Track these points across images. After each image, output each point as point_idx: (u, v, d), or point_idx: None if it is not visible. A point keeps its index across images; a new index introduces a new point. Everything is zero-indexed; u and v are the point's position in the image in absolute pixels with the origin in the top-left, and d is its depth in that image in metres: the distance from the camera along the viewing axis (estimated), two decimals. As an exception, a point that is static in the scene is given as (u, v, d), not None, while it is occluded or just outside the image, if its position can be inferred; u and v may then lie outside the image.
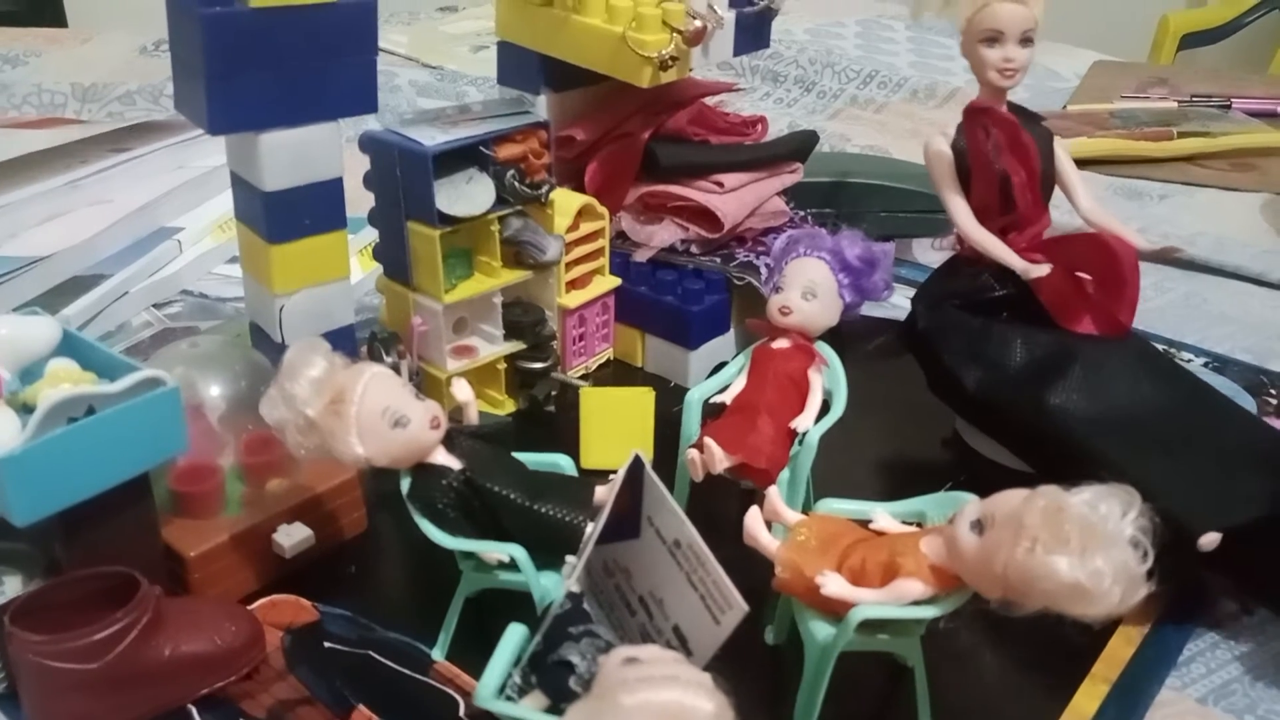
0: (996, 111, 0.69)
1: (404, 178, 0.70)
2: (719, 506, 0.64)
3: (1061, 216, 0.75)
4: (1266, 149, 1.31)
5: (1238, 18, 2.36)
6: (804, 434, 0.64)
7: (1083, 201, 0.72)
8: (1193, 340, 0.91)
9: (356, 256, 0.90)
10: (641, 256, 0.85)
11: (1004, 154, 0.69)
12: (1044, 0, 0.67)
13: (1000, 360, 0.69)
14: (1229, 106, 1.45)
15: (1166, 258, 0.95)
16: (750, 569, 0.50)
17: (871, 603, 0.50)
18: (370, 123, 0.81)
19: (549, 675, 0.45)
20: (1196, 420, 0.66)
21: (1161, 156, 1.27)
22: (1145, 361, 0.69)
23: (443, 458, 0.56)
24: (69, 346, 0.56)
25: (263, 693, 0.54)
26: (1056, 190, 0.73)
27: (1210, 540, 0.58)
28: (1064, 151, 0.72)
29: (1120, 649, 0.60)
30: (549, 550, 0.55)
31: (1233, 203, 1.18)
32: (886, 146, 1.30)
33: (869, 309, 0.76)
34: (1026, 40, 0.67)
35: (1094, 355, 0.68)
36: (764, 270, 0.79)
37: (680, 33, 0.74)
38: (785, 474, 0.63)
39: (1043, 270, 0.68)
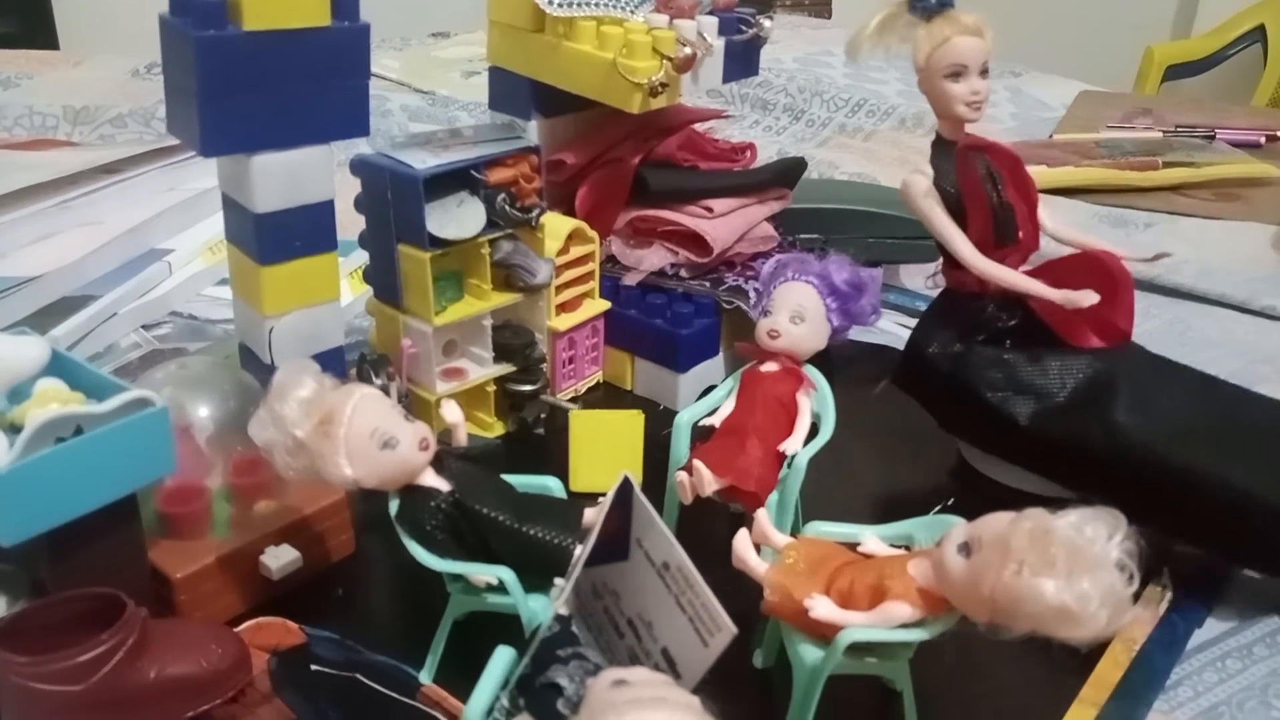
0: (999, 147, 0.69)
1: (395, 201, 0.71)
2: (708, 529, 0.64)
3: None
4: (1250, 179, 1.32)
5: (1221, 49, 2.40)
6: (792, 457, 0.64)
7: (1048, 222, 0.72)
8: (1178, 366, 0.92)
9: (346, 279, 0.90)
10: (631, 280, 0.85)
11: (1008, 188, 0.69)
12: (992, 33, 0.68)
13: (1047, 389, 0.68)
14: (1213, 137, 1.46)
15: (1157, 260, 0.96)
16: (739, 592, 0.50)
17: (860, 625, 0.50)
18: (362, 146, 0.81)
19: (537, 698, 0.44)
20: (1231, 411, 0.67)
21: (1147, 186, 1.29)
22: (1157, 364, 0.70)
23: (431, 479, 0.56)
24: (58, 366, 0.55)
25: (249, 716, 0.54)
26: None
27: None
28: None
29: (1108, 672, 0.60)
30: (537, 572, 0.55)
31: (1221, 231, 1.20)
32: (874, 174, 1.31)
33: (857, 333, 0.77)
34: (984, 71, 0.68)
35: (1122, 368, 0.68)
36: (752, 294, 0.79)
37: (670, 60, 0.75)
38: (774, 497, 0.63)
39: (1092, 298, 0.66)
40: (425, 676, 0.57)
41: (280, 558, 0.61)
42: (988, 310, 0.71)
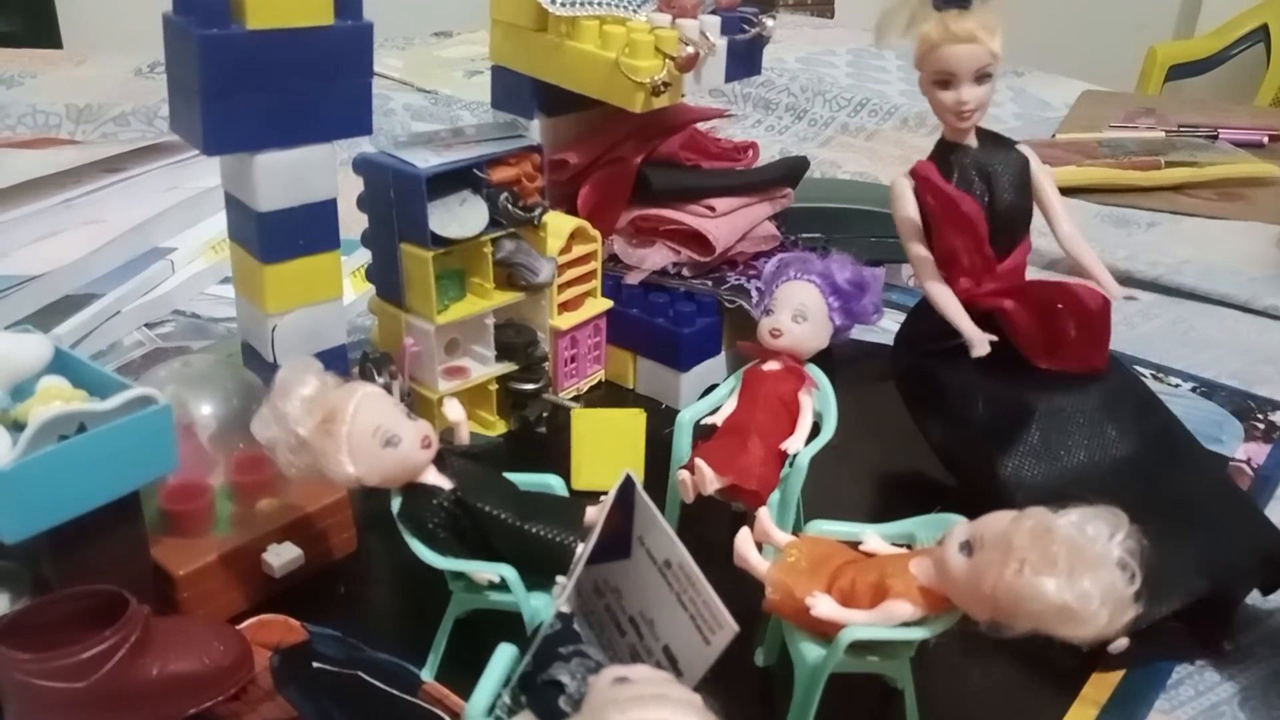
0: (933, 184, 0.67)
1: (397, 199, 0.71)
2: (709, 528, 0.64)
3: (1043, 242, 0.74)
4: (1253, 179, 1.32)
5: (1224, 49, 2.39)
6: (794, 456, 0.64)
7: (1063, 227, 0.70)
8: (1180, 365, 0.92)
9: (349, 278, 0.90)
10: (633, 279, 0.85)
11: (940, 222, 0.67)
12: (999, 33, 0.64)
13: (961, 416, 0.68)
14: (1216, 137, 1.46)
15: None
16: (740, 590, 0.49)
17: (861, 624, 0.50)
18: (364, 145, 0.82)
19: (539, 695, 0.45)
20: (1153, 476, 0.64)
21: (1149, 185, 1.29)
22: (1115, 402, 0.67)
23: (434, 477, 0.57)
24: (61, 364, 0.56)
25: (250, 713, 0.54)
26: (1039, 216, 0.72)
27: (1118, 647, 0.58)
28: (1046, 176, 0.70)
29: (1110, 671, 0.60)
30: (539, 570, 0.55)
31: (1223, 231, 1.19)
32: (877, 174, 1.31)
33: (859, 332, 0.77)
34: (983, 77, 0.65)
35: (1058, 408, 0.66)
36: (755, 293, 0.79)
37: (673, 59, 0.75)
38: (775, 495, 0.63)
39: (983, 350, 0.66)
40: (427, 674, 0.57)
41: (282, 555, 0.61)
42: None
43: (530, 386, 0.78)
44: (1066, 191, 1.23)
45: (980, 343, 0.66)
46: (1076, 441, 0.65)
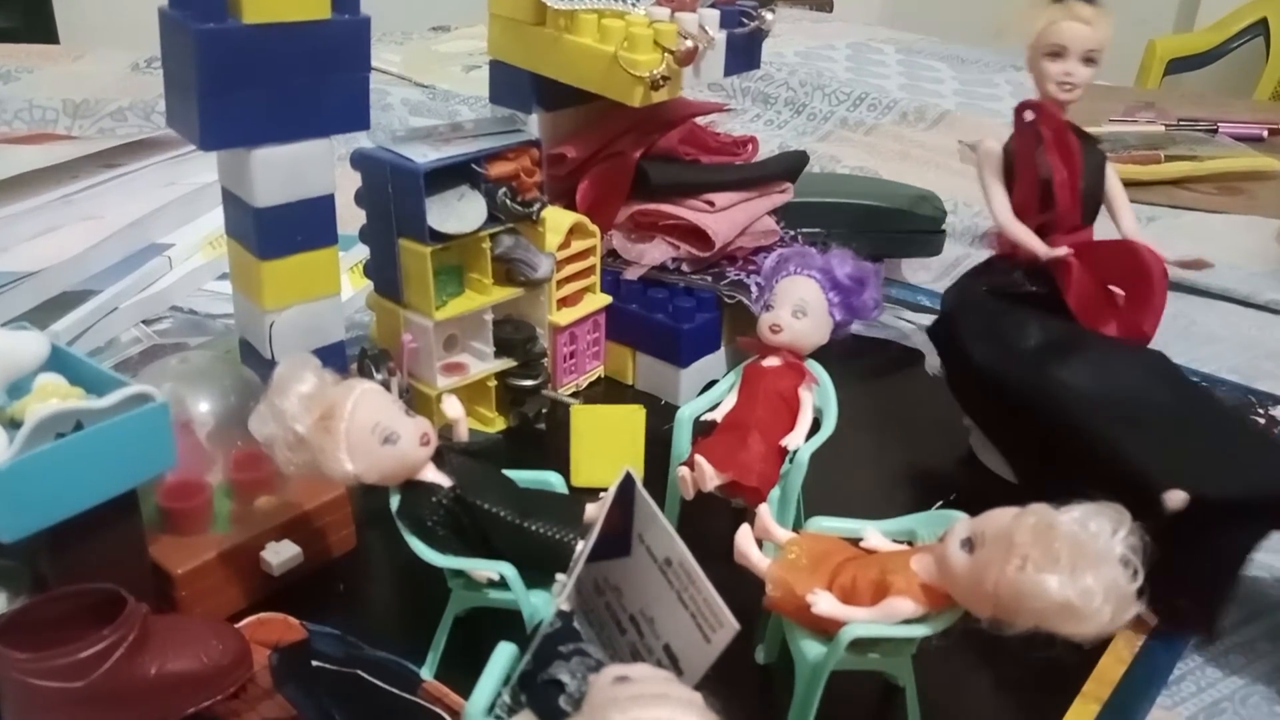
0: (1047, 106, 0.72)
1: (395, 195, 0.70)
2: (710, 525, 0.64)
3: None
4: (1253, 173, 1.32)
5: (1223, 43, 2.38)
6: (794, 452, 0.64)
7: (1126, 223, 0.75)
8: (1180, 360, 0.91)
9: (347, 274, 0.90)
10: (632, 274, 0.85)
11: (1049, 150, 0.71)
12: (1110, 25, 0.70)
13: (1012, 338, 0.71)
14: (1215, 131, 1.46)
15: (1198, 268, 0.99)
16: (741, 588, 0.49)
17: (862, 621, 0.50)
18: (362, 140, 0.81)
19: (539, 694, 0.44)
20: (1193, 419, 0.66)
21: (1149, 179, 1.28)
22: (1157, 368, 0.69)
23: (433, 475, 0.56)
24: (58, 361, 0.55)
25: (249, 712, 0.54)
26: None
27: (1177, 499, 0.58)
28: (1115, 174, 0.75)
29: (1111, 667, 0.60)
30: (539, 568, 0.55)
31: (1223, 225, 1.19)
32: (876, 168, 1.31)
33: (859, 328, 0.77)
34: (1089, 60, 0.71)
35: (1106, 349, 0.69)
36: (754, 289, 0.79)
37: (672, 53, 0.75)
38: (776, 492, 0.63)
39: (1060, 251, 0.70)
40: (427, 672, 0.57)
41: (281, 553, 0.60)
42: (1013, 274, 0.74)
43: (529, 383, 0.78)
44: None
45: (1054, 251, 0.70)
46: (1120, 377, 0.68)
